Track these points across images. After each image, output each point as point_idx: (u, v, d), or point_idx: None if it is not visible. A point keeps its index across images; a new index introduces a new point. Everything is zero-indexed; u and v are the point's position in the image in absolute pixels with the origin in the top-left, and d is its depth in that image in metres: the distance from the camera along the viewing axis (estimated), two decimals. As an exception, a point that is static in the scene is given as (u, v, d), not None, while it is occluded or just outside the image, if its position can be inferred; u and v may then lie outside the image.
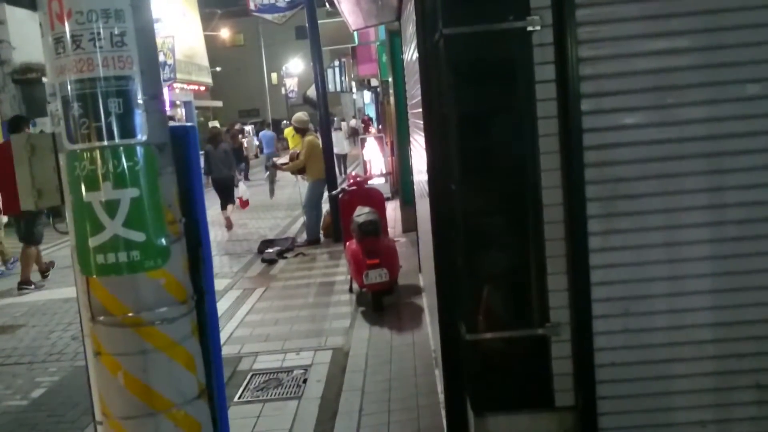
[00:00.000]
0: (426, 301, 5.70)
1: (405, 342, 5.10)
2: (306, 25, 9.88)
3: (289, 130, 17.14)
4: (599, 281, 2.73)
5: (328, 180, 9.35)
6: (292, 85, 39.34)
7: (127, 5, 1.64)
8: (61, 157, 1.75)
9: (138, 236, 1.65)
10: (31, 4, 13.75)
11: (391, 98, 9.54)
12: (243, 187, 11.68)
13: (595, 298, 2.73)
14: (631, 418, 2.80)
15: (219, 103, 33.89)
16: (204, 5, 30.84)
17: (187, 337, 1.77)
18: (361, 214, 6.18)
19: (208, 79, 30.94)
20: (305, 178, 9.38)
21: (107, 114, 1.62)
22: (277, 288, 7.20)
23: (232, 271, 8.22)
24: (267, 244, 9.11)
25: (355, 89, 28.47)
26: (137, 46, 1.65)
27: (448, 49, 2.72)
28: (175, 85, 23.93)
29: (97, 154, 1.62)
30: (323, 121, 9.80)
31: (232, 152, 12.10)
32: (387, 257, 5.91)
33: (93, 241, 1.65)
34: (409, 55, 4.68)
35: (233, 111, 39.45)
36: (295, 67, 39.97)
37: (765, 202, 2.69)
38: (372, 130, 19.95)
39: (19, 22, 15.26)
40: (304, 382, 4.53)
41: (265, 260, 8.49)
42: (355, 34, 14.52)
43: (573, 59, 2.61)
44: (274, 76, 43.00)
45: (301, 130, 9.67)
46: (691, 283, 2.74)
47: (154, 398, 1.71)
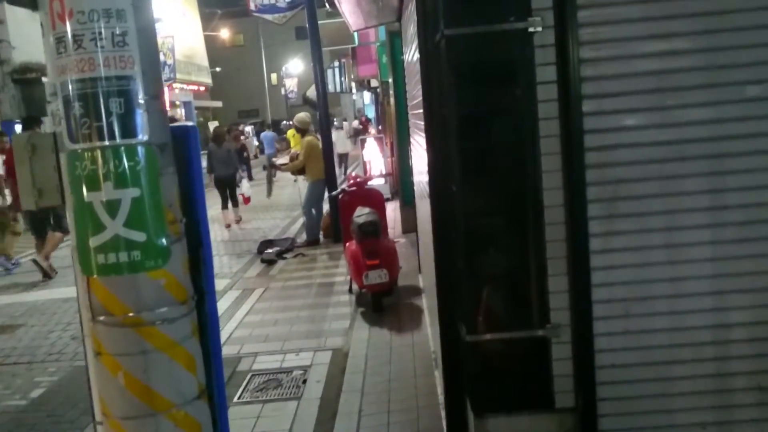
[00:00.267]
0: (426, 302, 5.69)
1: (405, 343, 5.10)
2: (306, 26, 9.87)
3: (292, 131, 17.16)
4: (600, 283, 2.73)
5: (328, 181, 9.35)
6: (291, 85, 39.31)
7: (128, 5, 1.64)
8: (62, 157, 1.75)
9: (139, 236, 1.65)
10: (32, 3, 13.74)
11: (392, 99, 9.53)
12: (246, 185, 11.97)
13: (596, 299, 2.73)
14: (632, 420, 2.80)
15: (219, 104, 33.92)
16: (204, 5, 30.89)
17: (187, 337, 1.77)
18: (361, 214, 6.17)
19: (208, 80, 30.98)
20: (305, 179, 9.38)
21: (108, 114, 1.62)
22: (276, 288, 7.19)
23: (232, 272, 8.21)
24: (266, 244, 9.10)
25: (355, 90, 28.48)
26: (138, 46, 1.65)
27: (449, 50, 2.72)
28: (174, 85, 23.96)
29: (98, 154, 1.62)
30: (323, 122, 9.80)
31: (235, 152, 12.23)
32: (387, 258, 5.91)
33: (94, 241, 1.65)
34: (410, 56, 4.68)
35: (233, 111, 39.47)
36: (295, 68, 39.97)
37: (766, 204, 2.69)
38: (372, 131, 19.92)
39: (19, 21, 15.29)
40: (304, 382, 4.52)
41: (264, 261, 8.48)
42: (356, 35, 14.49)
43: (574, 60, 2.61)
44: (274, 77, 42.99)
45: (302, 131, 9.68)
46: (692, 285, 2.74)
47: (155, 398, 1.70)
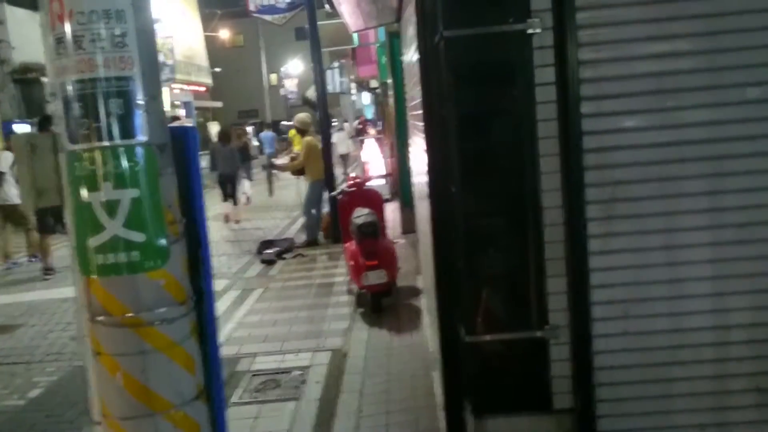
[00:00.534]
0: (425, 303, 5.69)
1: (404, 343, 5.10)
2: (306, 27, 9.89)
3: (294, 132, 17.19)
4: (598, 284, 2.73)
5: (327, 181, 9.35)
6: (290, 86, 39.27)
7: (128, 5, 1.64)
8: (62, 158, 1.75)
9: (138, 237, 1.65)
10: (32, 4, 13.76)
11: (391, 100, 9.54)
12: (247, 185, 12.13)
13: (595, 300, 2.74)
14: (630, 421, 2.80)
15: (219, 104, 33.89)
16: (204, 6, 30.87)
17: (186, 337, 1.77)
18: (360, 215, 6.18)
19: (208, 80, 30.97)
20: (305, 179, 9.38)
21: (108, 114, 1.62)
22: (275, 289, 7.18)
23: (231, 272, 8.21)
24: (266, 244, 9.09)
25: (355, 91, 28.48)
26: (138, 46, 1.65)
27: (448, 51, 2.73)
28: (174, 86, 23.95)
29: (98, 155, 1.62)
30: (323, 122, 9.80)
31: (238, 151, 12.38)
32: (386, 259, 5.91)
33: (93, 242, 1.65)
34: (409, 57, 4.68)
35: (233, 112, 39.40)
36: (295, 68, 39.94)
37: (765, 206, 2.69)
38: (371, 131, 19.89)
39: (19, 22, 15.30)
40: (303, 383, 4.52)
41: (264, 261, 8.48)
42: (355, 36, 14.50)
43: (573, 62, 2.62)
44: (274, 77, 42.96)
45: (302, 131, 9.68)
46: (691, 287, 2.74)
47: (153, 399, 1.70)
